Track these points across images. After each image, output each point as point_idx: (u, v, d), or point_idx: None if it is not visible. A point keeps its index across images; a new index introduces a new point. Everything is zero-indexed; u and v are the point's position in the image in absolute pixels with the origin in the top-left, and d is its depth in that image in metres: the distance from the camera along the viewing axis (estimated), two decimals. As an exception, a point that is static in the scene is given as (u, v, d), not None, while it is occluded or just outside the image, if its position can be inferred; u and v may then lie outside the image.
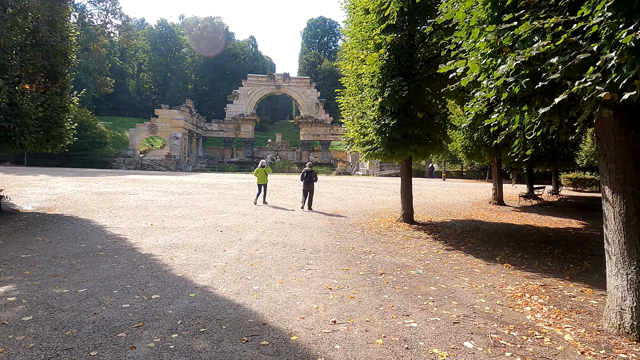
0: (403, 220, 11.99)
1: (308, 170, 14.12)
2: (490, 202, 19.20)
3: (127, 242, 7.62)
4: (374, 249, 8.03)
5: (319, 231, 9.93)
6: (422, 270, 6.45)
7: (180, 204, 14.41)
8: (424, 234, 10.20)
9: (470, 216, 14.43)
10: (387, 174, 48.21)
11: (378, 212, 14.56)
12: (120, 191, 17.97)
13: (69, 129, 12.36)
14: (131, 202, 14.42)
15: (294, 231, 9.75)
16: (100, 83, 57.44)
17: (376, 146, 9.91)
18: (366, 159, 11.69)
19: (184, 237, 8.35)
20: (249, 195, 18.12)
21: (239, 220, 11.06)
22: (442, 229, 11.17)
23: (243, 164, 53.94)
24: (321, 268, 6.33)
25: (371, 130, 9.95)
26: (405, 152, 9.93)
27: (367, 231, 10.30)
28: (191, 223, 10.30)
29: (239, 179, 29.80)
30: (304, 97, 60.54)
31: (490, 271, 6.65)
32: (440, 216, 14.09)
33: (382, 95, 9.20)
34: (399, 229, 10.94)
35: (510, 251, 8.39)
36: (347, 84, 12.06)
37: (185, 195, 17.23)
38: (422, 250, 8.21)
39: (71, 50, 12.05)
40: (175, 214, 11.89)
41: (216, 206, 14.01)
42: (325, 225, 10.98)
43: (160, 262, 6.21)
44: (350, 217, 12.79)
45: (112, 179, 24.99)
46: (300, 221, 11.46)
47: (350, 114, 11.68)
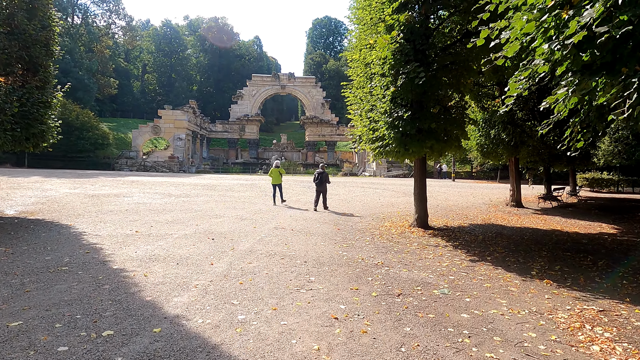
0: (417, 225, 10.84)
1: (320, 171, 14.28)
2: (508, 204, 17.95)
3: (100, 254, 6.58)
4: (386, 261, 6.90)
5: (324, 238, 8.82)
6: (447, 290, 5.31)
7: (175, 207, 13.39)
8: (442, 242, 9.05)
9: (488, 220, 13.22)
10: (394, 175, 46.98)
11: (388, 215, 13.41)
12: (115, 193, 17.02)
13: (53, 127, 11.36)
14: (123, 205, 13.44)
15: (296, 238, 8.65)
16: (104, 84, 56.91)
17: (387, 142, 8.77)
18: (375, 158, 10.55)
19: (168, 247, 7.28)
20: (250, 198, 17.07)
21: (235, 226, 9.99)
22: (461, 235, 10.00)
23: (248, 165, 53.01)
24: (325, 287, 5.22)
25: (382, 125, 8.82)
26: (420, 149, 8.79)
27: (378, 238, 9.17)
28: (181, 229, 9.25)
29: (241, 181, 28.80)
30: (309, 97, 59.52)
31: (529, 290, 5.49)
32: (456, 220, 12.91)
33: (394, 84, 8.08)
34: (413, 235, 9.80)
35: (545, 263, 7.21)
36: (354, 75, 10.95)
37: (182, 198, 16.22)
38: (443, 261, 7.07)
39: (54, 41, 11.06)
40: (166, 218, 10.86)
41: (213, 210, 12.97)
42: (330, 231, 9.87)
43: (131, 280, 5.14)
44: (358, 222, 11.67)
45: (111, 180, 24.11)
46: (303, 226, 10.36)
47: (358, 107, 10.56)
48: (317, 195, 13.99)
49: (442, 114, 9.56)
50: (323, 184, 13.95)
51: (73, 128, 41.26)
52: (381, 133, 8.89)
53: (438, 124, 8.80)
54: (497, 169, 47.89)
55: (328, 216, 12.57)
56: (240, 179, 30.82)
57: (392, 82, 8.17)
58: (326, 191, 14.09)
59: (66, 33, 50.79)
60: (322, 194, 13.99)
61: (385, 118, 8.58)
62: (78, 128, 41.48)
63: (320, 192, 13.98)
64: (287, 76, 59.18)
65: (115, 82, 60.28)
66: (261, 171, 49.39)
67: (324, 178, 14.04)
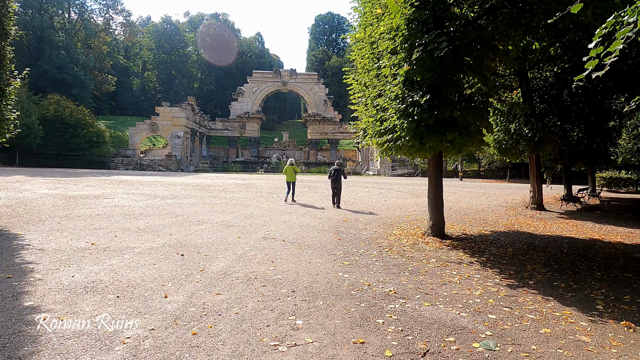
0: (431, 233, 9.20)
1: (336, 168, 14.34)
2: (527, 207, 16.26)
3: (24, 279, 5.00)
4: (401, 288, 5.29)
5: (320, 252, 7.22)
6: (492, 343, 3.69)
7: (156, 210, 11.83)
8: (465, 256, 7.41)
9: (511, 226, 11.57)
10: (399, 174, 45.27)
11: (396, 220, 11.79)
12: (96, 195, 15.50)
13: (8, 119, 9.81)
14: (98, 208, 11.90)
15: (286, 253, 7.05)
16: (101, 81, 55.54)
17: (399, 135, 7.12)
18: (383, 155, 8.91)
19: (120, 267, 5.70)
20: (243, 200, 15.49)
21: (216, 235, 8.40)
22: (485, 247, 8.35)
23: (248, 163, 51.50)
24: (316, 339, 3.62)
25: (392, 114, 7.19)
26: (439, 143, 7.16)
27: (387, 252, 7.55)
28: (150, 240, 7.68)
29: (238, 180, 27.23)
30: (311, 94, 57.91)
31: (607, 339, 3.86)
32: (474, 226, 11.26)
33: (408, 60, 6.45)
34: (429, 247, 8.17)
35: (607, 289, 5.56)
36: (358, 58, 9.30)
37: (168, 200, 14.67)
38: (474, 287, 5.44)
39: (8, 19, 9.53)
40: (139, 225, 9.29)
41: (197, 214, 11.40)
42: (329, 242, 8.26)
43: (30, 332, 3.54)
44: (363, 229, 10.06)
45: (98, 180, 22.61)
46: (298, 236, 8.75)
47: (363, 95, 8.92)
48: (334, 193, 14.17)
49: (463, 102, 7.92)
50: (338, 181, 14.10)
51: (67, 125, 39.96)
52: (391, 124, 7.25)
53: (461, 113, 7.16)
54: (506, 168, 46.02)
55: (328, 222, 10.97)
56: (237, 179, 29.26)
57: (406, 58, 6.54)
58: (341, 188, 14.20)
59: (61, 28, 49.46)
60: (337, 191, 14.09)
61: (396, 105, 6.94)
62: (72, 125, 40.14)
63: (336, 188, 14.10)
64: (289, 72, 57.56)
65: (114, 79, 58.93)
66: (262, 170, 47.84)
67: (339, 175, 14.15)
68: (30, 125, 35.77)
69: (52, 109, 39.21)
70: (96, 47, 55.43)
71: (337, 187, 14.10)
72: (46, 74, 45.62)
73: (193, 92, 71.89)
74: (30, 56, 47.08)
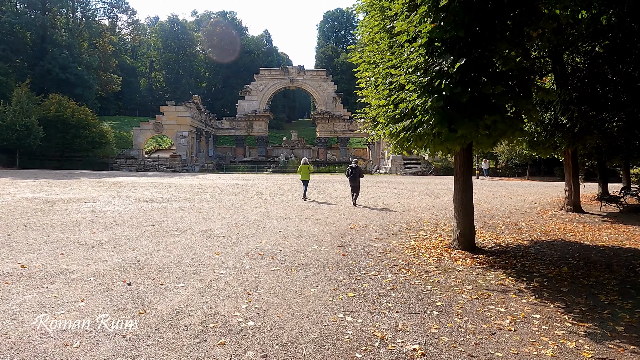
0: (459, 245, 7.38)
1: (354, 166, 14.41)
2: (562, 208, 14.25)
3: None
4: (430, 345, 3.51)
5: (317, 276, 5.47)
6: None
7: (134, 217, 10.25)
8: (510, 280, 5.58)
9: (552, 233, 9.65)
10: (411, 173, 43.16)
11: (413, 226, 9.98)
12: (77, 198, 14.03)
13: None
14: (69, 215, 10.39)
15: (271, 278, 5.32)
16: (106, 81, 54.62)
17: (420, 120, 5.31)
18: (398, 148, 7.11)
19: (27, 308, 4.05)
20: (240, 203, 13.83)
21: (190, 251, 6.73)
22: (531, 265, 6.50)
23: (255, 163, 49.90)
24: None
25: (411, 91, 5.39)
26: (474, 129, 5.33)
27: (404, 273, 5.77)
28: (101, 260, 6.03)
29: (241, 181, 25.63)
30: (319, 91, 56.15)
31: None
32: (508, 234, 9.38)
33: (433, 13, 4.66)
34: (458, 265, 6.36)
35: None
36: (366, 30, 7.51)
37: (154, 204, 13.11)
38: (540, 341, 3.63)
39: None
40: (101, 238, 7.68)
41: (180, 222, 9.77)
42: (330, 259, 6.52)
43: None
44: (373, 238, 8.29)
45: (91, 182, 21.24)
46: (293, 249, 7.02)
47: (373, 74, 7.13)
48: (352, 191, 14.11)
49: (501, 78, 6.08)
50: (356, 179, 14.06)
51: (69, 126, 38.86)
52: (409, 105, 5.44)
53: (503, 90, 5.34)
54: (525, 165, 43.50)
55: (332, 230, 9.22)
56: (240, 179, 27.67)
57: (430, 12, 4.74)
58: (359, 186, 14.21)
59: (65, 28, 48.64)
60: (355, 190, 14.04)
61: (416, 78, 5.15)
62: (74, 126, 39.01)
63: (354, 187, 14.08)
64: (297, 69, 55.86)
65: (119, 79, 57.98)
66: (269, 170, 46.26)
67: (357, 173, 14.13)
68: (30, 125, 34.73)
69: (54, 109, 38.12)
70: (101, 46, 54.56)
71: (356, 186, 14.13)
72: (49, 73, 44.74)
73: (200, 92, 70.76)
74: (33, 56, 46.34)
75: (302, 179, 15.54)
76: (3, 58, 41.91)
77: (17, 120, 33.82)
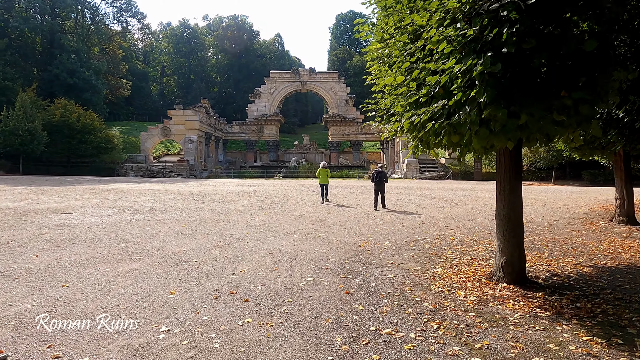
0: (504, 277, 5.44)
1: (379, 170, 14.50)
2: (612, 220, 12.07)
3: None
4: None
5: (303, 339, 3.63)
6: None
7: (101, 234, 8.62)
8: (596, 344, 3.63)
9: (616, 255, 7.58)
10: (428, 177, 40.89)
11: (437, 244, 8.06)
12: (55, 208, 12.58)
13: None
14: (32, 229, 8.88)
15: (230, 344, 3.50)
16: (116, 85, 54.05)
17: (459, 99, 3.43)
18: (419, 146, 5.25)
19: None
20: (235, 214, 12.11)
21: (138, 287, 4.97)
22: (615, 312, 4.52)
23: (266, 168, 48.34)
24: None
25: (446, 53, 3.50)
26: (545, 113, 3.41)
27: (435, 329, 3.88)
28: (6, 305, 4.33)
29: (245, 187, 23.98)
30: (331, 94, 54.45)
31: None
32: (560, 255, 7.36)
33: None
34: (509, 310, 4.44)
35: None
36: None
37: (137, 215, 11.51)
38: None
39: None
40: (41, 264, 6.02)
41: (152, 239, 8.07)
42: (328, 298, 4.67)
43: None
44: (388, 264, 6.41)
45: (83, 189, 19.88)
46: (280, 284, 5.18)
47: (386, 46, 5.26)
48: (376, 195, 14.07)
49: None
50: (381, 183, 14.12)
51: (74, 131, 38.05)
52: (443, 78, 3.55)
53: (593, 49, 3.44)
54: (550, 169, 40.79)
55: (337, 249, 7.37)
56: (245, 185, 26.04)
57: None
58: (384, 190, 14.29)
59: (73, 32, 48.22)
60: (380, 193, 14.09)
61: (454, 33, 3.26)
62: (79, 131, 38.17)
63: (379, 191, 14.07)
64: (308, 72, 54.32)
65: (128, 84, 57.39)
66: (279, 175, 44.63)
67: (382, 177, 14.19)
68: (33, 130, 33.91)
69: (59, 114, 37.33)
70: (111, 51, 54.09)
71: (381, 190, 14.14)
72: (57, 78, 44.25)
73: (212, 96, 69.92)
74: (42, 61, 45.99)
75: (321, 182, 15.72)
76: (10, 63, 41.52)
77: (20, 125, 33.05)
